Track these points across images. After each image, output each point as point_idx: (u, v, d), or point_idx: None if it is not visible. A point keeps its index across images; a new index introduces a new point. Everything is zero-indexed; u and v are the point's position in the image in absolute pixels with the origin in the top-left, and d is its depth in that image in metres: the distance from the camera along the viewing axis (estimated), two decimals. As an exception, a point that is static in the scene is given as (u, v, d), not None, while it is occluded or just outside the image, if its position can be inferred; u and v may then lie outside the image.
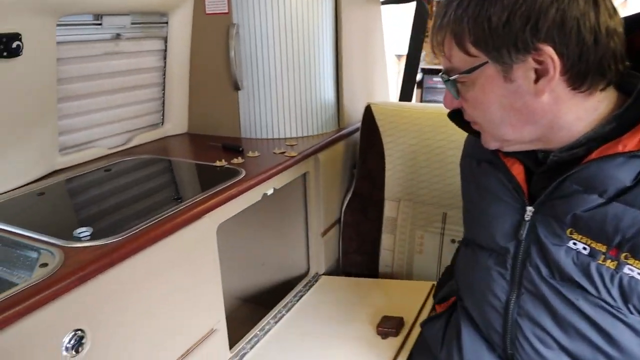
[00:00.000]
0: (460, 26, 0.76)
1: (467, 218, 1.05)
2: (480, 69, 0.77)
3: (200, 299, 1.17)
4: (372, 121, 1.69)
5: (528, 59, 0.73)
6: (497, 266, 0.89)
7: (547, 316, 0.83)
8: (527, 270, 0.84)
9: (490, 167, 0.93)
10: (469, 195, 1.02)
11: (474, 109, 0.83)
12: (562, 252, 0.78)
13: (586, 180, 0.76)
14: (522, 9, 0.70)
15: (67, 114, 1.43)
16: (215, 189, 1.21)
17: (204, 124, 1.79)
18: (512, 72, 0.75)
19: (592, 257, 0.76)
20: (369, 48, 1.97)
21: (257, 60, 1.62)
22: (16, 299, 0.78)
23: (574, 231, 0.77)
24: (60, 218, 1.12)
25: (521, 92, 0.76)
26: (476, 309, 0.97)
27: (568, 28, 0.70)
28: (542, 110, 0.76)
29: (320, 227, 1.71)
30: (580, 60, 0.72)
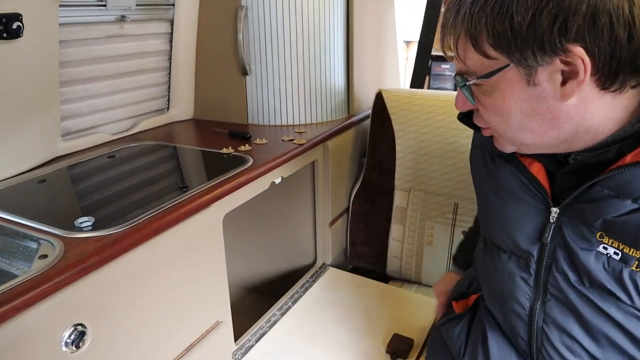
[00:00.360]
0: (478, 26, 0.68)
1: (482, 214, 0.97)
2: (500, 73, 0.70)
3: (205, 291, 1.14)
4: (383, 108, 1.64)
5: (555, 61, 0.66)
6: (520, 271, 0.84)
7: (575, 324, 0.78)
8: (553, 275, 0.79)
9: (506, 163, 0.86)
10: (483, 190, 0.95)
11: (490, 114, 0.75)
12: (592, 257, 0.73)
13: (619, 186, 0.70)
14: (549, 6, 0.63)
15: (69, 99, 1.38)
16: (222, 177, 1.17)
17: (210, 109, 1.74)
18: (536, 75, 0.68)
19: (624, 262, 0.70)
20: (381, 33, 1.91)
21: (265, 44, 1.57)
22: (13, 293, 0.74)
23: (604, 234, 0.72)
24: (62, 206, 1.08)
25: (545, 96, 0.69)
26: (500, 314, 0.92)
27: (600, 25, 0.63)
28: (567, 115, 0.70)
29: (328, 217, 1.67)
30: (612, 59, 0.65)
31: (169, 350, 1.06)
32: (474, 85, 0.74)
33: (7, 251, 0.96)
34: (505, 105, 0.72)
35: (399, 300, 1.54)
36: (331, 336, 1.37)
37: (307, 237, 1.72)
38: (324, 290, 1.58)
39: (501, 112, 0.73)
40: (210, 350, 1.18)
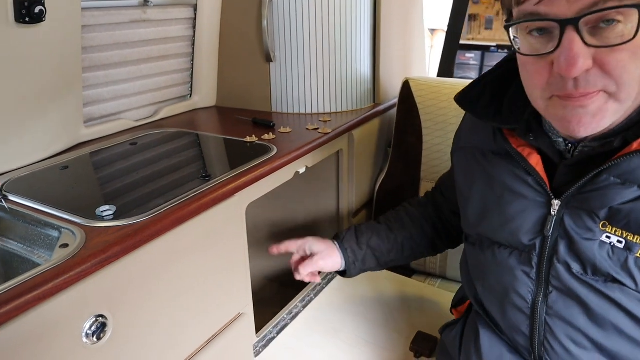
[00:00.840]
0: None
1: (474, 215, 0.92)
2: None
3: (227, 282, 1.12)
4: (410, 97, 1.59)
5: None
6: (522, 265, 0.82)
7: (580, 314, 0.77)
8: (555, 267, 0.78)
9: (499, 159, 0.85)
10: (475, 190, 0.91)
11: (628, 61, 0.64)
12: (595, 247, 0.73)
13: (626, 173, 0.70)
14: None
15: (92, 84, 1.37)
16: (245, 166, 1.14)
17: (233, 97, 1.72)
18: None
19: (629, 250, 0.70)
20: (408, 20, 1.86)
21: (290, 30, 1.53)
22: (34, 283, 0.73)
23: (607, 224, 0.72)
24: (83, 194, 1.06)
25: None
26: (499, 311, 0.89)
27: None
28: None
29: (352, 207, 1.64)
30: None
31: (189, 342, 1.04)
32: (607, 23, 0.62)
33: (29, 239, 0.95)
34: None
35: (423, 296, 1.50)
36: (353, 331, 1.34)
37: (330, 228, 1.69)
38: (347, 283, 1.55)
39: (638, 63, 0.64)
40: (231, 342, 1.16)
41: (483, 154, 0.89)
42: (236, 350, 1.19)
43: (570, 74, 0.64)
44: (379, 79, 1.70)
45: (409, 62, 1.91)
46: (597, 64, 0.64)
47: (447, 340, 1.06)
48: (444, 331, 1.10)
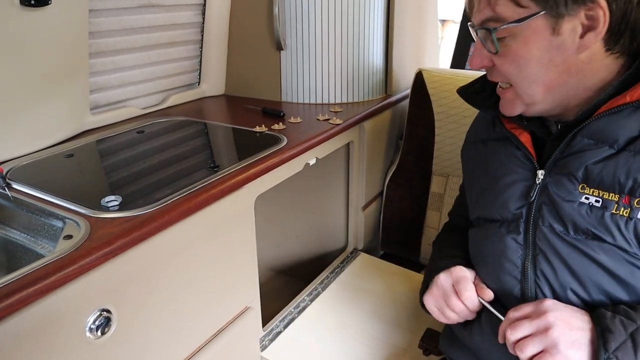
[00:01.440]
0: None
1: (473, 200, 1.01)
2: (529, 20, 0.75)
3: (234, 276, 1.09)
4: (423, 88, 1.55)
5: (580, 12, 0.73)
6: (511, 233, 0.88)
7: (565, 273, 0.81)
8: (540, 230, 0.84)
9: (497, 143, 0.94)
10: (475, 178, 1.00)
11: (509, 65, 0.81)
12: (575, 206, 0.79)
13: (596, 133, 0.77)
14: None
15: (98, 71, 1.34)
16: (255, 157, 1.11)
17: (242, 85, 1.68)
18: (562, 24, 0.74)
19: (605, 208, 0.76)
20: (422, 10, 1.81)
21: (302, 18, 1.49)
22: (37, 276, 0.70)
23: (585, 186, 0.78)
24: (88, 183, 1.04)
25: (564, 47, 0.76)
26: (494, 282, 0.92)
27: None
28: (576, 69, 0.77)
29: (362, 200, 1.61)
30: (622, 19, 0.73)
31: (195, 337, 1.02)
32: (498, 37, 0.78)
33: (32, 229, 0.92)
34: (527, 54, 0.78)
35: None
36: (361, 326, 1.32)
37: (338, 220, 1.66)
38: (355, 277, 1.52)
39: (521, 62, 0.79)
40: (237, 336, 1.14)
41: (484, 143, 0.97)
42: (242, 344, 1.17)
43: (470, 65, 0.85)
44: (392, 69, 1.66)
45: (421, 53, 1.87)
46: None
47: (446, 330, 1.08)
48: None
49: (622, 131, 0.75)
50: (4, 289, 0.67)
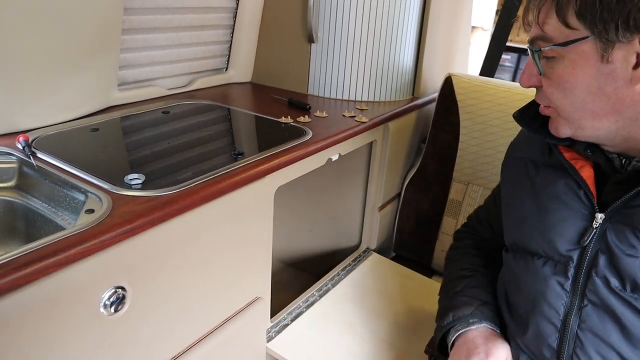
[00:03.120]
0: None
1: (512, 225, 0.93)
2: (577, 43, 0.69)
3: (248, 265, 1.09)
4: (451, 94, 1.54)
5: (634, 40, 0.65)
6: (556, 275, 0.81)
7: (614, 331, 0.75)
8: (593, 280, 0.77)
9: (553, 170, 0.85)
10: (518, 199, 0.91)
11: (555, 89, 0.75)
12: (637, 263, 0.71)
13: None
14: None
15: (129, 47, 1.34)
16: (279, 148, 1.10)
17: (269, 74, 1.67)
18: (612, 52, 0.67)
19: None
20: (457, 15, 1.79)
21: (337, 12, 1.48)
22: (57, 247, 0.70)
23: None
24: (112, 159, 1.03)
25: (615, 76, 0.69)
26: (527, 322, 0.86)
27: None
28: (632, 100, 0.69)
29: (379, 200, 1.60)
30: None
31: (205, 322, 1.02)
32: (545, 57, 0.74)
33: (54, 199, 0.92)
34: (573, 79, 0.72)
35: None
36: (369, 326, 1.31)
37: (354, 218, 1.65)
38: (366, 276, 1.51)
39: (567, 86, 0.73)
40: (245, 325, 1.13)
41: (536, 166, 0.89)
42: (250, 333, 1.16)
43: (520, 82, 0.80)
44: (421, 71, 1.64)
45: (451, 58, 1.85)
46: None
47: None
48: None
49: None
50: (24, 257, 0.67)
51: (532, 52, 0.75)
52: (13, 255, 0.67)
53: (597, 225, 0.77)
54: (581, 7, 0.67)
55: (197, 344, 1.01)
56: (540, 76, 0.76)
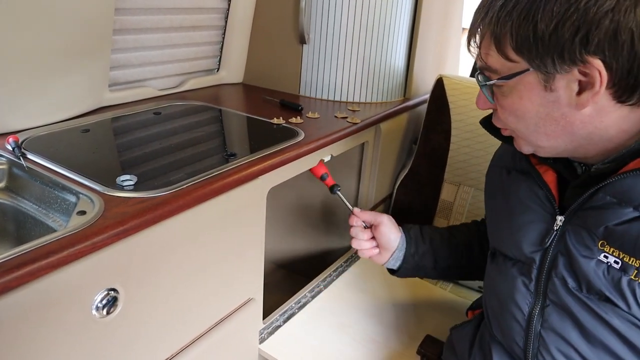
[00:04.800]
0: (503, 29, 0.71)
1: (492, 228, 0.98)
2: (519, 76, 0.72)
3: (241, 266, 1.08)
4: (442, 95, 1.54)
5: (573, 71, 0.68)
6: (522, 276, 0.85)
7: (573, 330, 0.78)
8: (553, 281, 0.80)
9: (521, 175, 0.89)
10: (494, 205, 0.98)
11: (507, 115, 0.78)
12: (592, 265, 0.74)
13: (621, 193, 0.71)
14: (573, 17, 0.65)
15: (120, 48, 1.33)
16: (272, 148, 1.10)
17: (261, 76, 1.67)
18: (553, 82, 0.70)
19: (623, 271, 0.70)
20: (448, 17, 1.80)
21: (328, 13, 1.48)
22: (49, 249, 0.69)
23: (605, 244, 0.72)
24: (104, 160, 1.03)
25: (561, 102, 0.72)
26: (498, 321, 0.91)
27: (621, 41, 0.65)
28: (581, 122, 0.72)
29: (371, 201, 1.60)
30: (630, 74, 0.67)
31: (198, 324, 1.02)
32: (494, 85, 0.76)
33: (44, 201, 0.92)
34: (522, 107, 0.75)
35: (433, 299, 1.46)
36: (361, 327, 1.31)
37: (346, 219, 1.64)
38: (358, 278, 1.52)
39: (517, 114, 0.76)
40: (238, 326, 1.13)
41: (508, 172, 0.93)
42: (242, 335, 1.16)
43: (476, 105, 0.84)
44: (412, 73, 1.65)
45: (443, 60, 1.86)
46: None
47: (456, 338, 1.06)
48: (455, 329, 1.10)
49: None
50: (16, 259, 0.67)
51: (479, 83, 0.78)
52: (5, 258, 0.66)
53: (558, 228, 0.79)
54: (517, 43, 0.70)
55: (190, 345, 1.01)
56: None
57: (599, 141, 0.74)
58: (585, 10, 0.65)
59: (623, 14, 0.64)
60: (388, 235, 1.14)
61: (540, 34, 0.68)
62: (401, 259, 1.16)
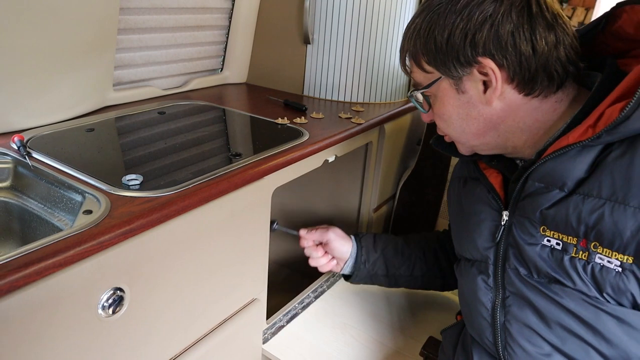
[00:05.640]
0: (415, 48, 0.85)
1: (454, 237, 1.05)
2: (436, 84, 0.84)
3: (246, 266, 1.08)
4: (446, 96, 1.54)
5: (473, 72, 0.80)
6: (481, 274, 0.90)
7: (532, 315, 0.82)
8: (507, 273, 0.85)
9: (474, 182, 0.96)
10: (455, 214, 1.04)
11: (439, 121, 0.90)
12: (537, 250, 0.79)
13: (545, 177, 0.77)
14: (460, 26, 0.78)
15: (125, 47, 1.33)
16: (277, 148, 1.10)
17: (264, 75, 1.67)
18: (462, 84, 0.82)
19: (564, 251, 0.76)
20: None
21: (332, 14, 1.48)
22: (56, 249, 0.69)
23: (546, 228, 0.77)
24: (109, 160, 1.02)
25: (474, 102, 0.82)
26: (470, 321, 0.96)
27: (503, 41, 0.76)
28: (498, 117, 0.82)
29: (374, 202, 1.60)
30: (522, 68, 0.77)
31: (202, 324, 1.01)
32: (425, 95, 0.89)
33: (50, 200, 0.91)
34: (446, 112, 0.86)
35: (437, 301, 1.46)
36: (364, 328, 1.31)
37: (349, 220, 1.65)
38: (361, 278, 1.51)
39: (444, 118, 0.87)
40: (242, 326, 1.13)
41: (465, 181, 1.00)
42: (246, 335, 1.16)
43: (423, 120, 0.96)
44: (416, 73, 1.64)
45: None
46: None
47: (444, 341, 1.11)
48: (445, 332, 1.13)
49: (569, 173, 0.75)
50: (23, 258, 0.67)
51: (409, 96, 0.92)
52: (11, 257, 0.66)
53: (505, 222, 0.85)
54: (427, 55, 0.83)
55: (194, 345, 1.01)
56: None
57: (520, 133, 0.83)
58: (469, 19, 0.77)
59: (501, 18, 0.76)
60: (339, 249, 1.27)
61: (440, 45, 0.80)
62: (351, 266, 1.28)
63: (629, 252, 0.69)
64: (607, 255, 0.71)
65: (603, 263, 0.72)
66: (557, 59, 0.77)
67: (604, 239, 0.71)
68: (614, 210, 0.70)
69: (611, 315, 0.73)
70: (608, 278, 0.72)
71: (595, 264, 0.73)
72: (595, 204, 0.71)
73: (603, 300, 0.74)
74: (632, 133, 0.69)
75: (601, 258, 0.72)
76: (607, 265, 0.72)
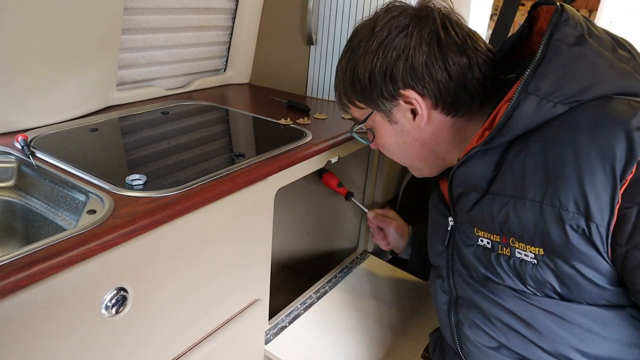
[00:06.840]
0: (345, 88, 0.91)
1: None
2: (370, 118, 0.91)
3: (249, 266, 1.08)
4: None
5: (400, 103, 0.86)
6: (439, 278, 0.95)
7: (478, 314, 0.85)
8: (455, 275, 0.89)
9: (433, 194, 1.01)
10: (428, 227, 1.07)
11: (384, 151, 0.96)
12: (472, 250, 0.82)
13: (462, 181, 0.82)
14: (378, 65, 0.83)
15: (128, 47, 1.33)
16: (281, 149, 1.10)
17: (267, 76, 1.67)
18: (393, 115, 0.88)
19: (492, 249, 0.79)
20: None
21: (336, 14, 1.48)
22: (60, 248, 0.69)
23: (478, 229, 0.80)
24: (113, 159, 1.03)
25: (407, 129, 0.88)
26: (439, 322, 1.01)
27: (419, 72, 0.81)
28: (431, 140, 0.88)
29: (376, 203, 1.60)
30: (442, 94, 0.82)
31: (205, 324, 1.01)
32: (366, 128, 0.95)
33: (54, 200, 0.92)
34: (385, 142, 0.93)
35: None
36: (366, 329, 1.31)
37: (351, 221, 1.65)
38: (363, 279, 1.51)
39: (385, 147, 0.95)
40: (244, 327, 1.13)
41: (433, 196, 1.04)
42: (248, 335, 1.16)
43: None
44: (419, 74, 1.64)
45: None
46: None
47: (430, 343, 1.14)
48: (432, 334, 1.15)
49: (477, 175, 0.79)
50: (27, 258, 0.67)
51: (350, 132, 0.97)
52: (16, 256, 0.66)
53: (451, 227, 0.89)
54: (355, 94, 0.90)
55: (197, 345, 1.01)
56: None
57: (454, 149, 0.89)
58: (384, 57, 0.82)
59: (413, 52, 0.81)
60: (395, 243, 1.37)
61: (364, 84, 0.86)
62: (408, 255, 1.37)
63: (537, 244, 0.73)
64: (522, 249, 0.75)
65: (521, 257, 0.75)
66: (473, 78, 0.82)
67: (515, 233, 0.74)
68: (517, 205, 0.73)
69: (540, 309, 0.76)
70: (527, 270, 0.75)
71: (516, 258, 0.76)
72: (502, 202, 0.75)
73: (530, 293, 0.76)
74: (521, 130, 0.73)
75: (519, 252, 0.75)
76: (525, 258, 0.75)
